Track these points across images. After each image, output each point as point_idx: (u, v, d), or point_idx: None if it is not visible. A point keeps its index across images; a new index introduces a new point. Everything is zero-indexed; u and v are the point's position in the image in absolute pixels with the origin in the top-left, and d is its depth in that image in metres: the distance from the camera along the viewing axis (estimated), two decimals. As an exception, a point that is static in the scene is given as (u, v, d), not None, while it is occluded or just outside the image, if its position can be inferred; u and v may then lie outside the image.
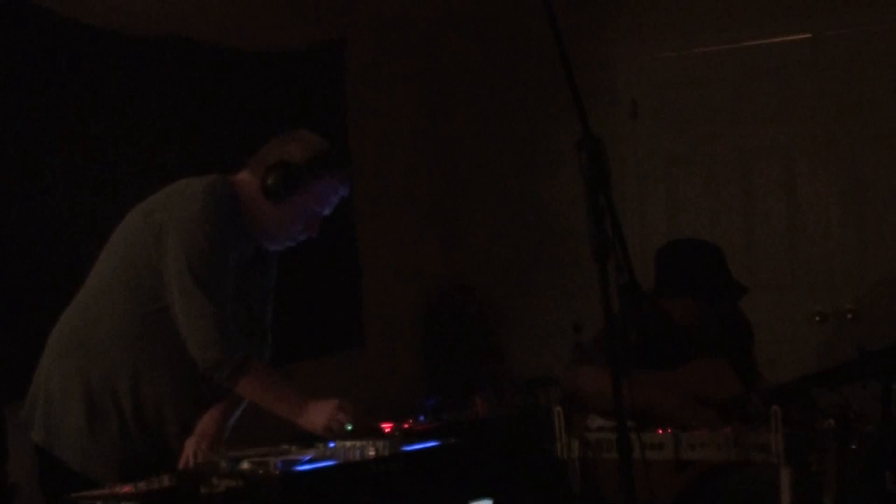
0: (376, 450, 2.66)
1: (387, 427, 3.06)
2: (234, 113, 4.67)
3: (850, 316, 5.34)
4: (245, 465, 2.54)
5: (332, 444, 2.76)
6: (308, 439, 2.89)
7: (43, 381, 3.08)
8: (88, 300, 3.09)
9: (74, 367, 3.02)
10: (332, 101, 5.33)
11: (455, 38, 6.19)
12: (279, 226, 3.13)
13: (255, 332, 3.21)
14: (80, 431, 2.99)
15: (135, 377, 3.00)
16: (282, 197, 3.07)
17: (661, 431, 3.26)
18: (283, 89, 5.01)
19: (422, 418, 3.20)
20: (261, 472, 2.49)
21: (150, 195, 3.11)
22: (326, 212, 3.17)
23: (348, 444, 2.70)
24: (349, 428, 2.88)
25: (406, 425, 3.11)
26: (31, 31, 3.89)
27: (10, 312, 3.74)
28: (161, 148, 4.32)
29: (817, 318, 5.41)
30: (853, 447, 3.26)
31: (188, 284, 2.90)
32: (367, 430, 2.90)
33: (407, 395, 5.15)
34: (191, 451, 3.03)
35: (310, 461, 2.58)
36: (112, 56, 4.19)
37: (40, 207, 3.88)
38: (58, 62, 3.98)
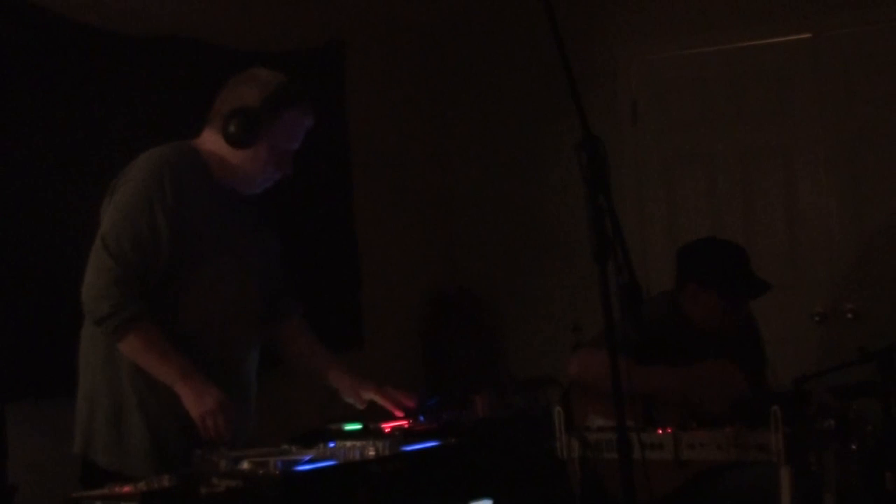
0: (376, 450, 2.66)
1: (387, 427, 3.06)
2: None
3: (850, 316, 5.34)
4: (245, 465, 2.54)
5: (332, 444, 2.76)
6: (308, 439, 2.89)
7: (81, 391, 3.10)
8: None
9: (90, 364, 3.04)
10: (332, 102, 5.32)
11: (455, 38, 6.20)
12: (251, 170, 3.14)
13: (278, 292, 3.31)
14: (106, 427, 3.00)
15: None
16: (245, 143, 3.08)
17: (661, 431, 3.25)
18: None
19: (422, 418, 3.20)
20: (261, 472, 2.48)
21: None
22: (295, 146, 3.17)
23: (348, 444, 2.70)
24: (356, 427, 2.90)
25: (406, 425, 3.10)
26: (30, 31, 3.88)
27: (9, 313, 3.74)
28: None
29: (817, 318, 5.41)
30: (853, 447, 3.25)
31: (97, 244, 2.97)
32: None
33: (407, 396, 5.13)
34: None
35: (310, 461, 2.58)
36: (112, 56, 4.19)
37: (40, 207, 3.88)
38: (57, 62, 3.98)
